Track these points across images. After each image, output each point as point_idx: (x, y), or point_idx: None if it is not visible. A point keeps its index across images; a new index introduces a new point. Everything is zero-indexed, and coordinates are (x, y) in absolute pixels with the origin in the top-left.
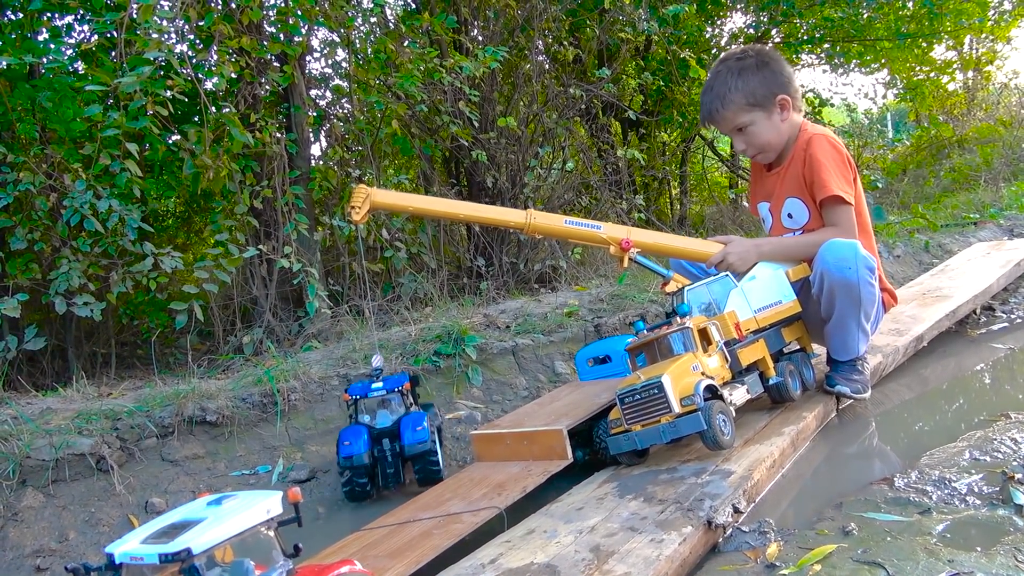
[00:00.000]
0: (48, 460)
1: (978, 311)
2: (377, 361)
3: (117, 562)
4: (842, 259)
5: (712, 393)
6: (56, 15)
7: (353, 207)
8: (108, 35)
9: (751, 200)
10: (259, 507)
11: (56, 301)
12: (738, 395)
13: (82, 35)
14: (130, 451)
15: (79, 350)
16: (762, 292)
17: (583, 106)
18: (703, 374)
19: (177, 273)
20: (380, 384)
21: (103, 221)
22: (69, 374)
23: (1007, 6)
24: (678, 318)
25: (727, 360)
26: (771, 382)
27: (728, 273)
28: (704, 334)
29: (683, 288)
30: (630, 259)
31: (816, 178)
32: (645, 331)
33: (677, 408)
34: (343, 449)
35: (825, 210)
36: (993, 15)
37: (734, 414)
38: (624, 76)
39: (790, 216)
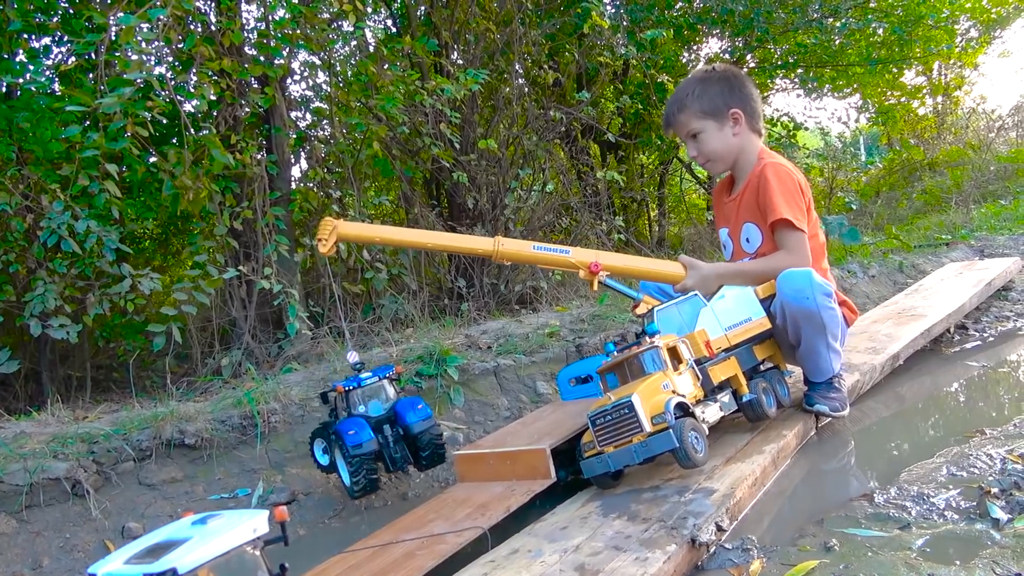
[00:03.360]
0: (22, 485)
1: (952, 330)
2: (353, 357)
3: None
4: (798, 289)
5: (683, 411)
6: (34, 36)
7: (320, 239)
8: (87, 56)
9: (717, 223)
10: (245, 526)
11: (31, 323)
12: (711, 412)
13: (60, 56)
14: (107, 475)
15: (54, 373)
16: (731, 310)
17: (563, 128)
18: (674, 392)
19: (155, 295)
20: (369, 373)
21: (80, 242)
22: (43, 397)
23: (974, 33)
24: (647, 338)
25: (698, 378)
26: (744, 399)
27: (697, 292)
28: (674, 352)
29: (653, 308)
30: (600, 282)
31: (767, 202)
32: (616, 352)
33: (648, 427)
34: (349, 439)
35: (776, 234)
36: (960, 42)
37: (707, 432)
38: (603, 99)
39: (748, 240)
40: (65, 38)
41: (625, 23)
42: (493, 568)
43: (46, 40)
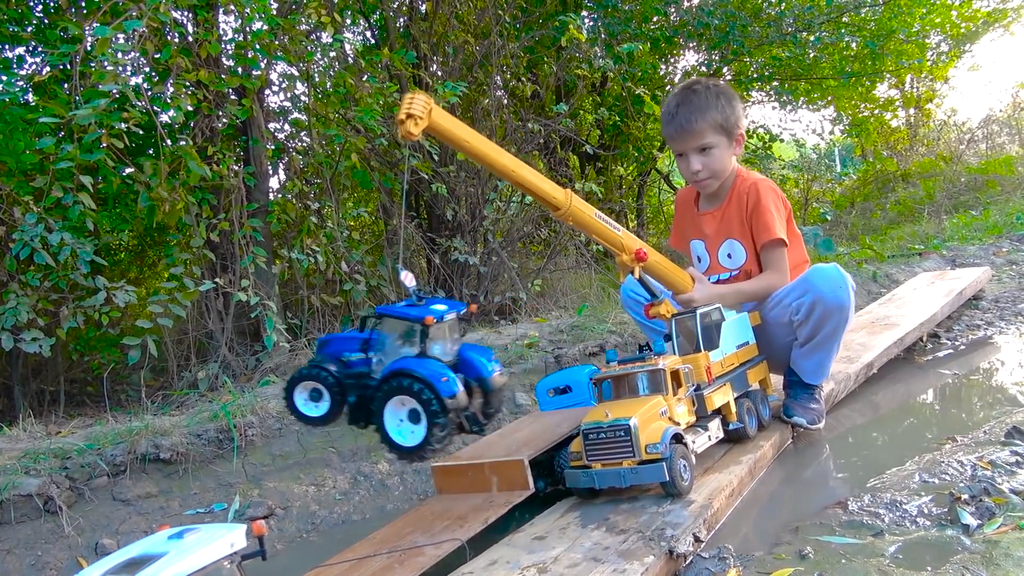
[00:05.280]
0: None
1: (924, 338)
2: (409, 280)
3: None
4: (834, 279)
5: (677, 441)
6: (7, 47)
7: (411, 115)
8: (62, 67)
9: (676, 236)
10: (223, 541)
11: (2, 337)
12: (700, 441)
13: (33, 67)
14: (80, 491)
15: (26, 388)
16: (737, 331)
17: (541, 140)
18: (670, 419)
19: (130, 307)
20: (446, 307)
21: (54, 255)
22: (15, 412)
23: (944, 47)
24: (653, 355)
25: (694, 404)
26: (731, 427)
27: (719, 306)
28: (676, 377)
29: (696, 311)
30: (640, 272)
31: (762, 222)
32: (616, 363)
33: (641, 454)
34: (444, 387)
35: (767, 251)
36: (931, 56)
37: (695, 461)
38: (581, 112)
39: (729, 256)
40: (39, 48)
41: (603, 36)
42: None
43: (20, 50)
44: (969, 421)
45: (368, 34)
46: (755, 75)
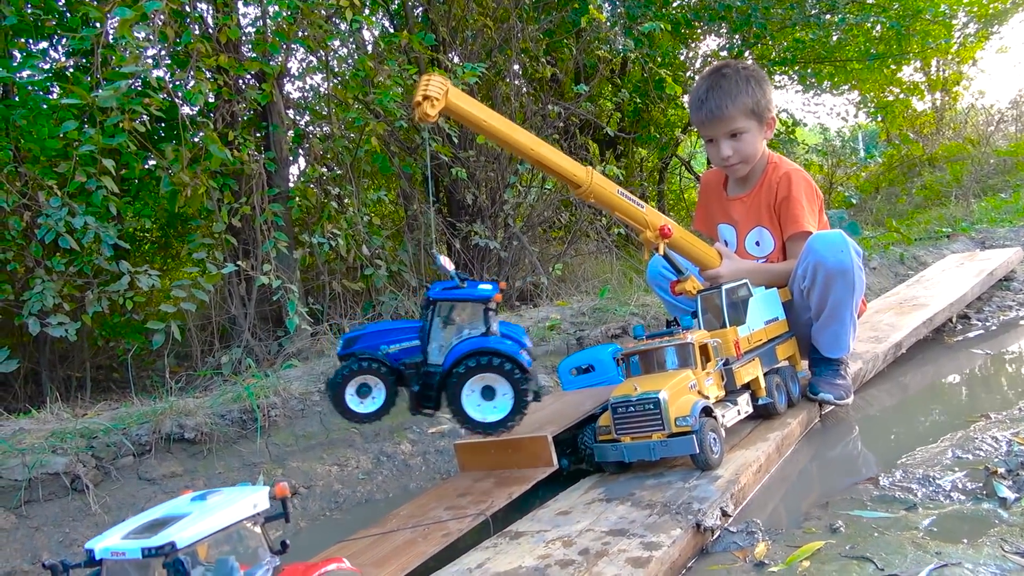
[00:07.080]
0: (21, 480)
1: (954, 319)
2: (448, 264)
3: (97, 558)
4: (834, 244)
5: (707, 414)
6: (31, 40)
7: (428, 97)
8: (84, 59)
9: (701, 218)
10: (245, 502)
11: (29, 322)
12: (730, 415)
13: (57, 60)
14: (106, 470)
15: (53, 373)
16: (767, 306)
17: (561, 124)
18: (699, 393)
19: (154, 293)
20: (491, 287)
21: (78, 239)
22: (42, 398)
23: (971, 28)
24: (681, 330)
25: (723, 379)
26: (760, 402)
27: (746, 281)
28: (704, 351)
29: (721, 287)
30: (665, 248)
31: (792, 214)
32: (644, 338)
33: (671, 427)
34: (526, 360)
35: (792, 241)
36: (958, 37)
37: (724, 434)
38: (601, 97)
39: (757, 244)
40: (63, 39)
41: (623, 22)
42: (496, 553)
43: (43, 44)
44: (1002, 399)
45: (387, 22)
46: (777, 58)
